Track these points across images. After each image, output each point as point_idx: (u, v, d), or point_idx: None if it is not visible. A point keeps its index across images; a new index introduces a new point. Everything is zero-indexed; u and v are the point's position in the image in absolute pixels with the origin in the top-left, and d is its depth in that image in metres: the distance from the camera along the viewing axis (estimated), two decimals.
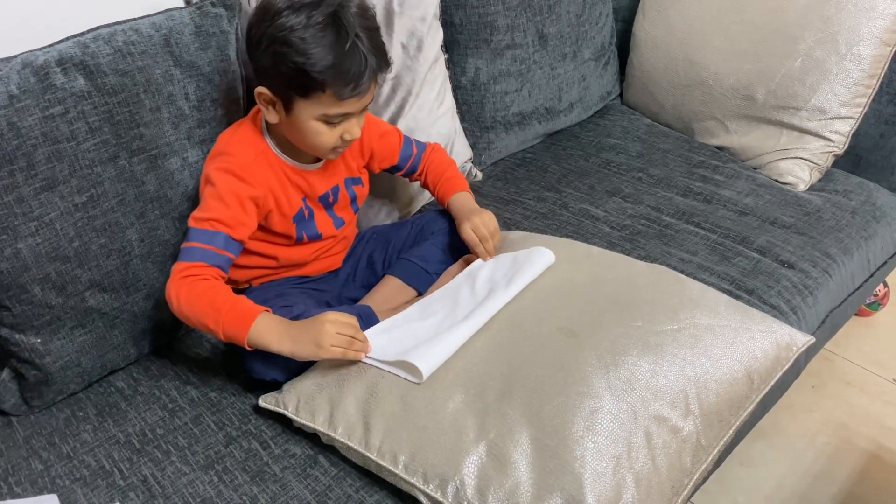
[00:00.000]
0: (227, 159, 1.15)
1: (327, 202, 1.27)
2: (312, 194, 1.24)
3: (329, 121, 1.11)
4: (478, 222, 1.27)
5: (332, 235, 1.30)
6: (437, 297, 1.21)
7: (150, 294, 1.21)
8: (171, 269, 1.11)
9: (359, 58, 1.07)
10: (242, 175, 1.14)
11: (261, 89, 1.11)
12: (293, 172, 1.21)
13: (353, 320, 1.08)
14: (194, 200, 1.23)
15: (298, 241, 1.25)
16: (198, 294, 1.07)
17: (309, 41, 1.05)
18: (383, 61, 1.12)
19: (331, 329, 1.04)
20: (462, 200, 1.34)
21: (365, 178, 1.34)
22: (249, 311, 1.07)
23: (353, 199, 1.32)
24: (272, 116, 1.13)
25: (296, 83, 1.07)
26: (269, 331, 1.05)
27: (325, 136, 1.13)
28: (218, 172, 1.13)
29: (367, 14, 1.12)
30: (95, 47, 1.10)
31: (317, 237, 1.27)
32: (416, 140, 1.39)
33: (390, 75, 1.48)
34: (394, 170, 1.39)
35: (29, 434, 1.13)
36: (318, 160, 1.24)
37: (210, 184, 1.13)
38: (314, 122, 1.11)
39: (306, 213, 1.24)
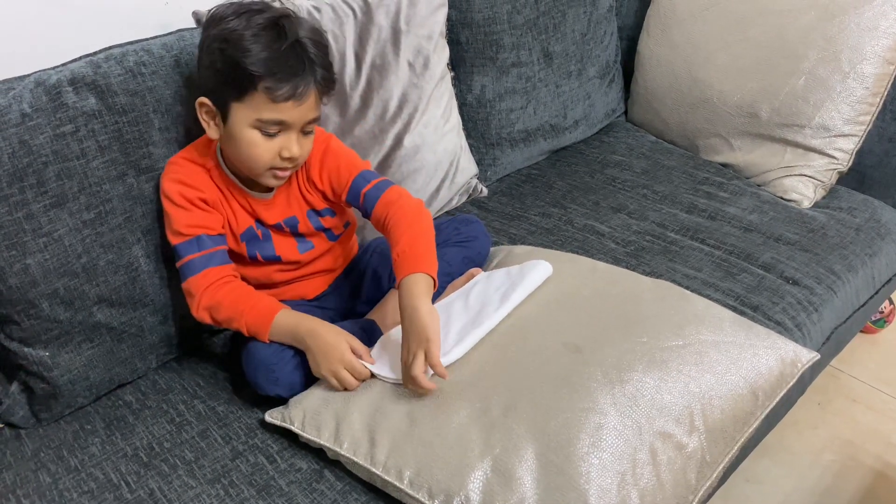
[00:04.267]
0: (172, 168, 1.16)
1: (283, 231, 1.23)
2: (265, 221, 1.21)
3: (264, 129, 1.07)
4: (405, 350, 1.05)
5: (296, 261, 1.25)
6: None
7: (157, 309, 1.22)
8: (184, 290, 1.15)
9: (298, 60, 1.05)
10: (187, 181, 1.14)
11: (201, 99, 1.09)
12: (240, 194, 1.19)
13: (356, 364, 1.08)
14: None
15: (252, 261, 1.22)
16: (218, 301, 1.13)
17: (247, 38, 1.04)
18: (329, 76, 1.09)
19: (337, 364, 1.08)
20: (408, 288, 1.06)
21: (338, 208, 1.26)
22: (268, 311, 1.12)
23: (324, 229, 1.26)
24: (213, 131, 1.11)
25: (230, 81, 1.05)
26: (284, 333, 1.12)
27: (260, 148, 1.08)
28: (167, 183, 1.14)
29: (317, 32, 1.11)
30: (107, 67, 1.12)
31: (274, 259, 1.23)
32: (381, 179, 1.20)
33: (398, 92, 1.49)
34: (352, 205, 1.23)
35: (37, 447, 1.13)
36: (269, 190, 1.20)
37: (165, 197, 1.14)
38: (249, 130, 1.07)
39: (259, 233, 1.21)
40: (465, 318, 1.15)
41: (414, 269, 1.07)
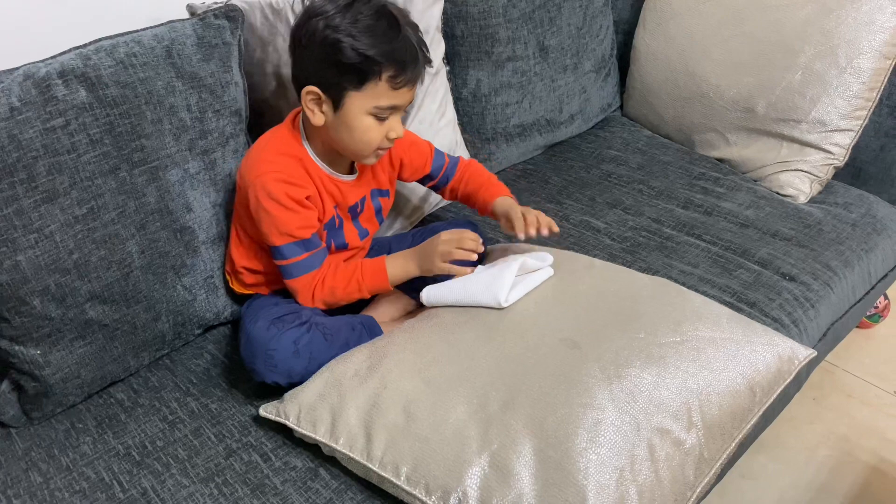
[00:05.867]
0: (271, 167, 1.15)
1: (355, 212, 1.28)
2: (344, 204, 1.25)
3: (379, 115, 1.12)
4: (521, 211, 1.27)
5: (357, 246, 1.30)
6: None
7: (150, 306, 1.20)
8: (289, 286, 1.20)
9: (411, 46, 1.11)
10: (293, 181, 1.15)
11: (310, 88, 1.12)
12: (329, 181, 1.21)
13: (462, 234, 1.18)
14: (196, 212, 1.23)
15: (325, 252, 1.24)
16: (330, 289, 1.20)
17: (363, 30, 1.08)
18: (428, 57, 1.15)
19: (445, 243, 1.18)
20: (507, 203, 1.33)
21: (393, 189, 1.36)
22: (378, 266, 1.20)
23: (378, 211, 1.33)
24: (318, 118, 1.14)
25: (352, 72, 1.09)
26: (399, 268, 1.21)
27: (374, 132, 1.14)
28: (274, 184, 1.13)
29: (407, 14, 1.16)
30: (97, 59, 1.10)
31: (343, 247, 1.27)
32: (448, 153, 1.40)
33: None
34: (426, 179, 1.39)
35: (28, 446, 1.12)
36: (352, 172, 1.25)
37: (272, 199, 1.13)
38: (365, 116, 1.12)
39: (337, 221, 1.25)
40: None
41: (499, 194, 1.35)
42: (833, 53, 1.54)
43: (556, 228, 1.25)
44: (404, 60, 1.09)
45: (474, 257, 1.18)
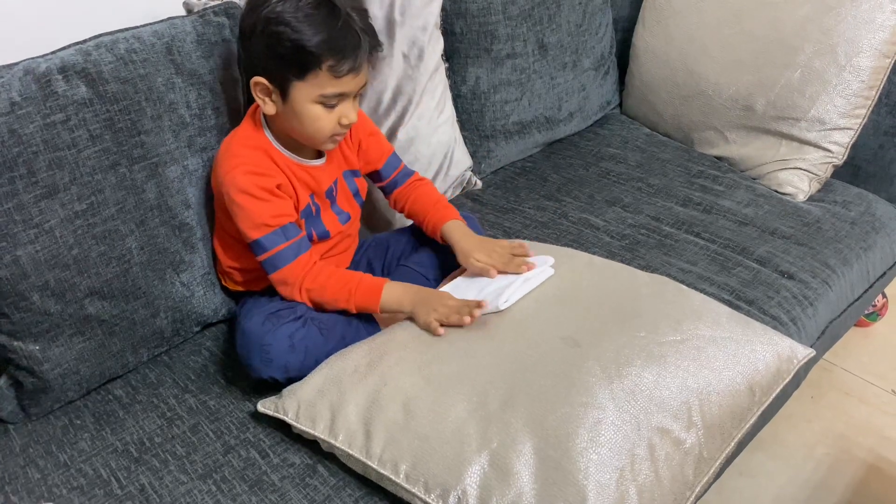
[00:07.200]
0: (237, 160, 1.15)
1: (332, 196, 1.27)
2: (318, 190, 1.24)
3: (326, 103, 1.12)
4: (489, 249, 1.23)
5: (339, 231, 1.29)
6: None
7: (149, 302, 1.20)
8: (275, 280, 1.17)
9: (353, 34, 1.09)
10: (260, 171, 1.15)
11: (257, 79, 1.11)
12: (298, 168, 1.20)
13: (466, 309, 1.12)
14: (195, 208, 1.22)
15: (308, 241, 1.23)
16: (321, 284, 1.17)
17: (302, 19, 1.07)
18: (375, 41, 1.14)
19: (447, 306, 1.13)
20: (461, 229, 1.29)
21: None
22: (375, 286, 1.17)
23: (356, 192, 1.32)
24: (270, 108, 1.14)
25: (292, 63, 1.08)
26: (394, 297, 1.17)
27: (324, 120, 1.13)
28: (242, 177, 1.13)
29: None
30: (97, 55, 1.10)
31: (325, 235, 1.26)
32: (405, 163, 1.38)
33: (392, 84, 1.48)
34: (375, 177, 1.37)
35: (26, 442, 1.12)
36: (321, 155, 1.24)
37: (242, 192, 1.13)
38: (312, 105, 1.11)
39: (314, 209, 1.24)
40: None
41: (450, 218, 1.30)
42: (832, 52, 1.54)
43: (527, 266, 1.19)
44: (344, 49, 1.08)
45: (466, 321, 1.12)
